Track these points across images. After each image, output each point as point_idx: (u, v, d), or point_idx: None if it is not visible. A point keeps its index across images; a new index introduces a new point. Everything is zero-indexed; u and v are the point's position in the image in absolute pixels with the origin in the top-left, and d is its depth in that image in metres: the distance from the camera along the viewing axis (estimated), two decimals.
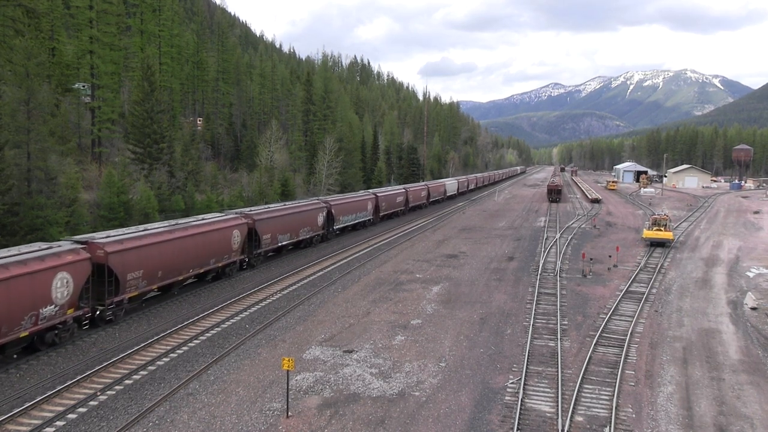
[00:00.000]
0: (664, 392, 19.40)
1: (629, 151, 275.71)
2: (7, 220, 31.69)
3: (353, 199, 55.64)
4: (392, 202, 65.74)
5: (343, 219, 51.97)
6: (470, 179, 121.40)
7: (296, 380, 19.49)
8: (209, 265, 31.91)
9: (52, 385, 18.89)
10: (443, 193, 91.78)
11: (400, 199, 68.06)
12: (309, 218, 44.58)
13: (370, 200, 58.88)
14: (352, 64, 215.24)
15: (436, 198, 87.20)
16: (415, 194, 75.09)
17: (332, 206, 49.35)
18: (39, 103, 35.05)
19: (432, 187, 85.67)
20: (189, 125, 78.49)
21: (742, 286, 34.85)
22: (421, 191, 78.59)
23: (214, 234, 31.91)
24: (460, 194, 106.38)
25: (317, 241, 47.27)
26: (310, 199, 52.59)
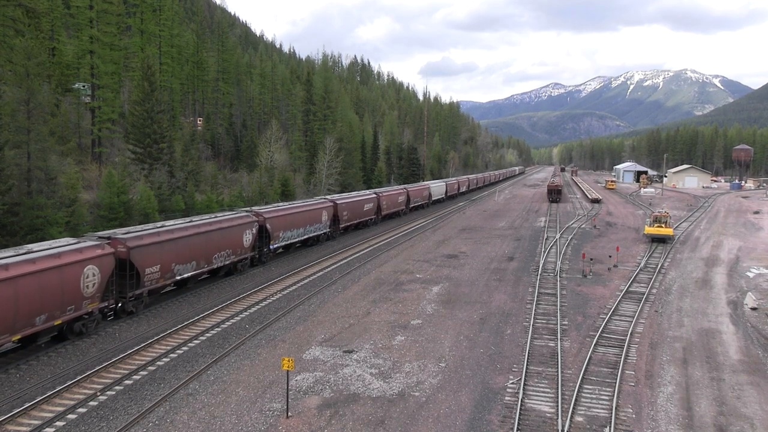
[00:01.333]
0: (664, 392, 19.40)
1: (629, 151, 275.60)
2: (7, 220, 31.70)
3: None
4: (359, 211, 55.57)
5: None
6: (461, 181, 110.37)
7: (296, 380, 19.49)
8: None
9: (52, 385, 18.89)
10: (427, 197, 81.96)
11: (369, 207, 58.47)
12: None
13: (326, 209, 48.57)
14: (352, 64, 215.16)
15: (418, 203, 77.54)
16: (390, 200, 65.31)
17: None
18: (39, 103, 35.04)
19: (413, 191, 76.03)
20: (189, 125, 78.51)
21: (742, 287, 34.85)
22: (398, 196, 69.08)
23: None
24: (449, 198, 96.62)
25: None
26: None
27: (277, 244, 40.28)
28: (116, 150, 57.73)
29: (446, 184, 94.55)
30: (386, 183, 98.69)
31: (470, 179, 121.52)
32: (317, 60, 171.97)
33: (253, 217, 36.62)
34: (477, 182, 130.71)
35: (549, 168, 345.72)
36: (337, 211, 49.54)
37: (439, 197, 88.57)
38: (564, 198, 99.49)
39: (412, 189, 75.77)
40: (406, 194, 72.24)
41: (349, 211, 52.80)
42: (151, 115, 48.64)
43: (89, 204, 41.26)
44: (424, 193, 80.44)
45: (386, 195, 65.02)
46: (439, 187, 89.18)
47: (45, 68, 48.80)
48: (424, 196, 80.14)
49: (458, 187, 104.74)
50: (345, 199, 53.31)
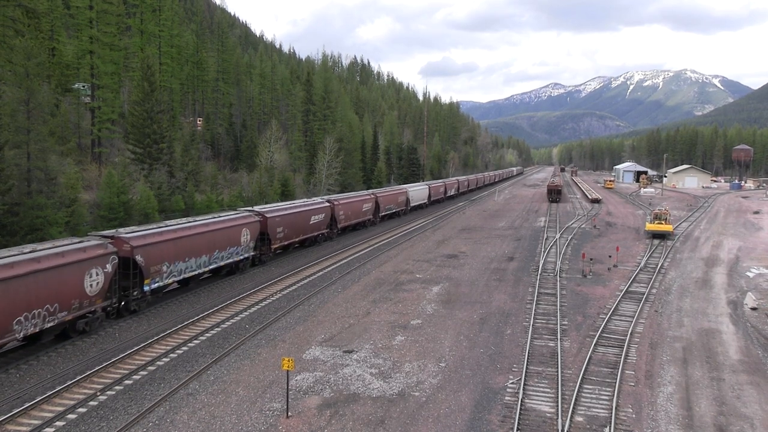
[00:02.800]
0: (664, 392, 19.39)
1: (629, 151, 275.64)
2: (7, 220, 31.71)
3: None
4: (301, 225, 43.24)
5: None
6: (449, 184, 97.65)
7: (296, 380, 19.49)
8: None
9: (52, 385, 18.89)
10: (403, 203, 70.76)
11: (318, 219, 45.76)
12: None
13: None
14: (352, 64, 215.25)
15: (391, 211, 66.14)
16: (350, 210, 53.30)
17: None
18: (39, 103, 35.06)
19: (384, 197, 63.59)
20: (189, 125, 78.51)
21: (742, 286, 34.85)
22: (363, 203, 56.73)
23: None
24: (433, 203, 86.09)
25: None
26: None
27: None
28: (116, 150, 57.74)
29: (429, 187, 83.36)
30: (386, 183, 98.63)
31: (460, 181, 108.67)
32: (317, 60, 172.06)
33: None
34: (468, 184, 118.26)
35: (549, 168, 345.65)
36: (267, 228, 38.07)
37: (420, 203, 78.18)
38: (564, 198, 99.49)
39: (383, 195, 63.66)
40: (374, 201, 59.81)
41: (286, 227, 40.54)
42: (150, 115, 48.65)
43: (89, 204, 41.27)
44: (399, 199, 68.92)
45: (345, 203, 52.36)
46: (419, 191, 78.28)
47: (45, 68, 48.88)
48: (399, 202, 68.82)
49: (445, 191, 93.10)
50: (280, 212, 40.24)
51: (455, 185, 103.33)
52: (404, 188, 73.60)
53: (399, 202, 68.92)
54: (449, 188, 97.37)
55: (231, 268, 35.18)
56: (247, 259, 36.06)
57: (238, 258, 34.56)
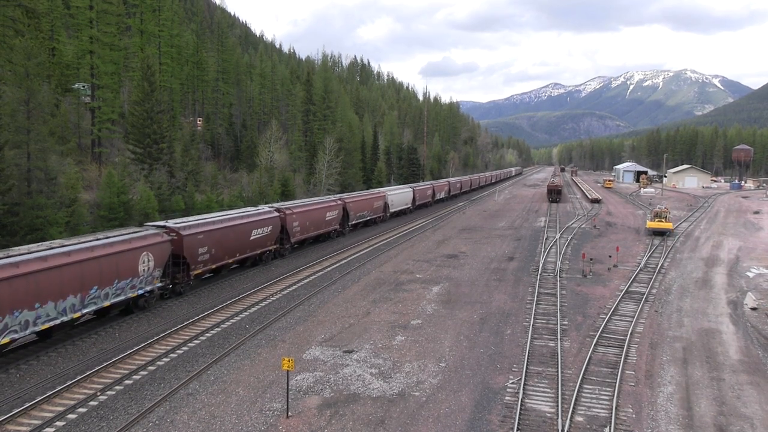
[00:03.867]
0: (664, 392, 19.40)
1: (629, 151, 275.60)
2: (7, 220, 31.70)
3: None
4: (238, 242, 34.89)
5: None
6: (437, 186, 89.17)
7: (296, 380, 19.49)
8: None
9: (52, 385, 18.89)
10: (381, 209, 61.74)
11: (262, 234, 37.05)
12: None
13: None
14: (352, 64, 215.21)
15: (365, 218, 57.42)
16: (309, 220, 43.89)
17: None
18: (39, 103, 35.07)
19: (355, 202, 54.35)
20: (189, 125, 78.51)
21: (742, 287, 34.85)
22: (326, 211, 47.16)
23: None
24: (419, 207, 78.12)
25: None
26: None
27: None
28: (116, 150, 57.73)
29: (413, 190, 74.49)
30: (386, 183, 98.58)
31: (451, 183, 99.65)
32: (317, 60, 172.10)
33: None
34: (461, 186, 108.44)
35: (549, 168, 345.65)
36: (184, 250, 29.53)
37: (402, 208, 69.28)
38: (564, 198, 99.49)
39: (353, 200, 54.35)
40: (341, 209, 50.43)
41: (214, 246, 32.01)
42: (151, 115, 48.64)
43: (89, 204, 41.26)
44: (375, 205, 59.64)
45: (301, 212, 42.54)
46: (400, 195, 68.95)
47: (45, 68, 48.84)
48: (375, 209, 59.77)
49: (432, 194, 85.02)
50: (203, 227, 31.44)
51: (445, 188, 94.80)
52: (382, 192, 64.08)
53: (375, 208, 59.77)
54: (438, 191, 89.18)
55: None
56: (151, 293, 27.72)
57: (133, 294, 26.16)
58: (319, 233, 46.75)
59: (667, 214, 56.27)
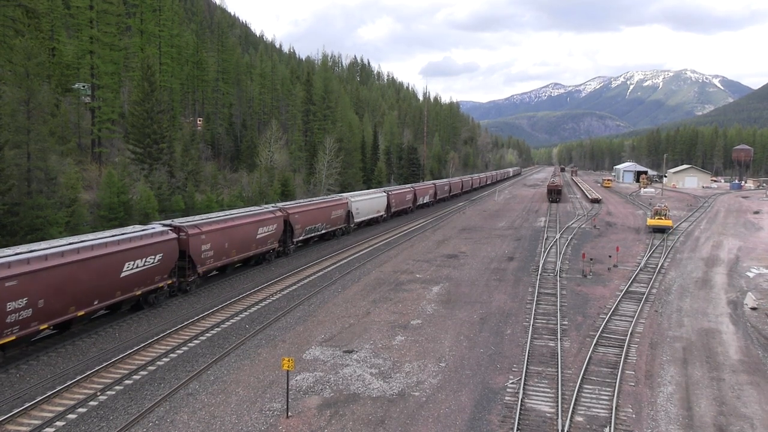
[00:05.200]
0: (664, 392, 19.39)
1: (629, 151, 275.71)
2: (7, 220, 31.70)
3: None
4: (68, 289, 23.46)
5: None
6: (420, 190, 77.46)
7: (296, 380, 19.49)
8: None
9: (52, 385, 18.89)
10: (342, 220, 50.71)
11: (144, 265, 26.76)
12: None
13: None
14: (352, 64, 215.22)
15: (319, 232, 46.11)
16: (236, 238, 33.93)
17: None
18: (39, 103, 35.06)
19: (303, 212, 43.10)
20: (189, 125, 78.51)
21: (742, 286, 34.85)
22: (260, 226, 36.58)
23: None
24: (397, 215, 68.17)
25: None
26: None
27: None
28: (116, 150, 57.73)
29: (388, 195, 63.53)
30: (386, 183, 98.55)
31: (438, 186, 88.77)
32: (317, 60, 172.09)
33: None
34: (450, 189, 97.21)
35: (549, 168, 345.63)
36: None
37: (372, 217, 58.76)
38: (564, 198, 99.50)
39: (300, 210, 42.81)
40: (282, 222, 39.55)
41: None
42: (151, 115, 48.64)
43: (89, 204, 41.27)
44: (332, 215, 48.14)
45: (213, 230, 31.69)
46: (370, 202, 58.11)
47: (45, 68, 48.81)
48: (332, 219, 48.22)
49: (414, 199, 74.47)
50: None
51: (430, 190, 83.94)
52: (343, 198, 52.56)
53: (332, 219, 48.33)
54: (421, 195, 77.99)
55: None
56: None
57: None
58: (249, 255, 35.89)
59: (667, 212, 58.51)
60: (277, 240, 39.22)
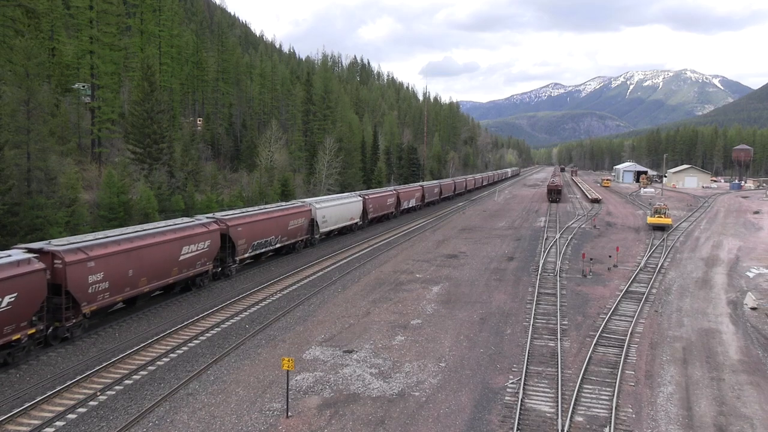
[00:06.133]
0: (664, 392, 19.40)
1: (629, 151, 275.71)
2: (7, 220, 31.68)
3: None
4: None
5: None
6: (404, 193, 69.61)
7: (296, 380, 19.49)
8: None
9: (52, 385, 18.89)
10: (304, 231, 43.08)
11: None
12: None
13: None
14: (352, 64, 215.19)
15: (267, 247, 37.95)
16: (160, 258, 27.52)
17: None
18: (39, 103, 35.07)
19: (246, 224, 35.21)
20: (189, 125, 78.53)
21: (742, 286, 34.85)
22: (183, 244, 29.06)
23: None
24: (377, 221, 61.51)
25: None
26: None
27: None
28: (116, 150, 57.71)
29: (364, 200, 55.62)
30: (386, 183, 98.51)
31: (426, 189, 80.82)
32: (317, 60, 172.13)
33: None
34: (440, 191, 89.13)
35: (549, 168, 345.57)
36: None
37: (345, 224, 51.52)
38: (564, 198, 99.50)
39: (240, 220, 34.83)
40: (219, 237, 32.28)
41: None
42: (151, 115, 48.63)
43: (89, 204, 41.25)
44: (290, 225, 40.41)
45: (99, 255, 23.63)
46: (340, 209, 50.05)
47: (45, 68, 48.87)
48: (290, 231, 40.51)
49: (397, 203, 66.79)
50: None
51: (417, 193, 76.06)
52: (306, 204, 44.57)
53: (291, 229, 40.78)
54: (406, 199, 70.36)
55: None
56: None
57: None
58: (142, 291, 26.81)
59: (666, 210, 60.55)
60: (211, 259, 31.90)
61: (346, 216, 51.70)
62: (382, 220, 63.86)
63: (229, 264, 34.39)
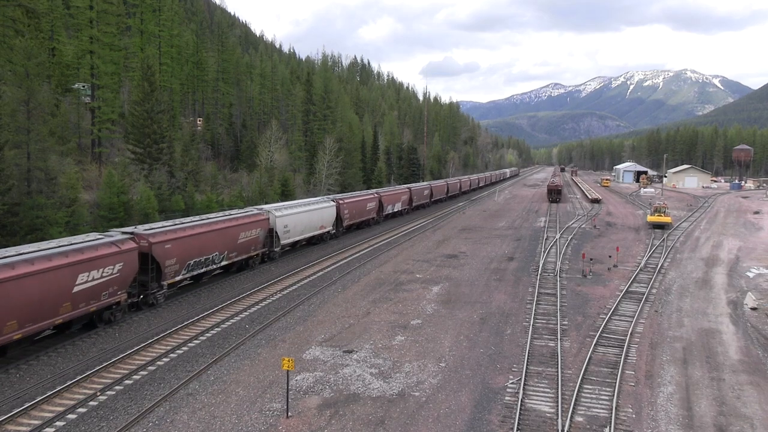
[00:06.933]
0: (664, 392, 19.39)
1: (629, 151, 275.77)
2: (7, 220, 31.68)
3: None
4: None
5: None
6: (386, 197, 62.63)
7: (296, 380, 19.49)
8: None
9: (52, 385, 18.89)
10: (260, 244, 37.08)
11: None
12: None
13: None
14: (352, 64, 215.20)
15: (211, 265, 32.11)
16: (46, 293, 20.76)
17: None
18: (39, 103, 35.07)
19: (175, 239, 28.68)
20: (189, 125, 78.49)
21: (742, 287, 34.85)
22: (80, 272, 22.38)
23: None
24: (354, 228, 55.44)
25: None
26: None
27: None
28: (116, 150, 57.72)
29: (339, 205, 49.97)
30: (386, 183, 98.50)
31: (414, 191, 73.31)
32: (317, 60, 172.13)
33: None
34: (431, 194, 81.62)
35: (549, 168, 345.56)
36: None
37: (315, 234, 45.72)
38: (564, 198, 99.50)
39: (168, 235, 28.59)
40: (136, 257, 26.09)
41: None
42: (151, 115, 48.62)
43: (89, 204, 41.23)
44: (240, 238, 34.55)
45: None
46: (308, 215, 44.17)
47: (45, 68, 48.81)
48: (240, 246, 34.67)
49: (379, 207, 60.07)
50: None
51: (404, 196, 69.05)
52: (263, 212, 38.24)
53: (242, 243, 34.75)
54: (390, 203, 64.06)
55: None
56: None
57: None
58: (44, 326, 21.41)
59: (666, 209, 61.88)
60: (125, 287, 25.50)
61: (315, 224, 45.74)
62: (362, 227, 57.53)
63: (154, 290, 27.71)
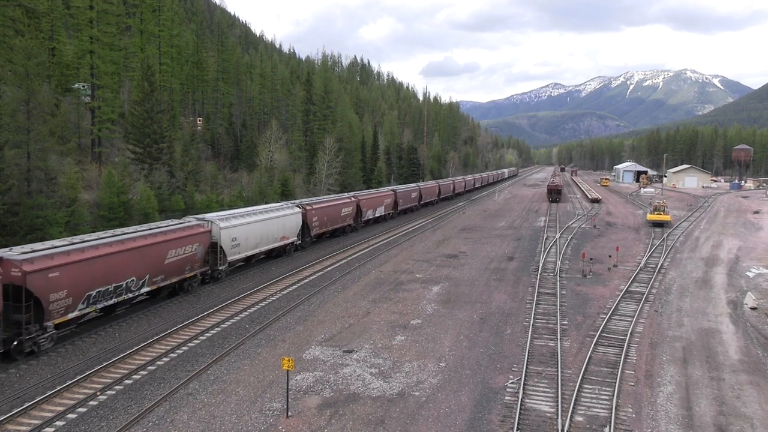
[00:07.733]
0: (664, 392, 19.40)
1: (629, 151, 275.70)
2: (7, 220, 31.68)
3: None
4: None
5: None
6: (365, 201, 56.63)
7: (296, 380, 19.49)
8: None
9: (52, 385, 18.89)
10: (197, 263, 30.45)
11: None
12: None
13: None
14: (352, 64, 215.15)
15: (126, 294, 24.97)
16: None
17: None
18: (39, 103, 35.04)
19: (69, 264, 21.41)
20: (189, 125, 78.48)
21: (742, 286, 34.85)
22: None
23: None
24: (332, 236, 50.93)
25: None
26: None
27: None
28: (116, 150, 57.72)
29: (306, 211, 43.94)
30: (386, 183, 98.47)
31: (399, 193, 66.51)
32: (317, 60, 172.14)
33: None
34: (420, 196, 75.38)
35: (549, 168, 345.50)
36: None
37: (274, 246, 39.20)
38: (564, 198, 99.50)
39: (58, 259, 21.19)
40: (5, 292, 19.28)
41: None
42: (151, 115, 48.62)
43: (89, 204, 41.23)
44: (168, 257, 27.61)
45: None
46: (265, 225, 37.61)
47: (45, 68, 48.82)
48: (168, 267, 27.84)
49: (357, 213, 54.69)
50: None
51: (387, 200, 62.25)
52: (203, 224, 31.73)
53: (170, 264, 28.07)
54: (370, 207, 57.92)
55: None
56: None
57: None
58: None
59: (665, 208, 63.14)
60: None
61: (275, 235, 38.93)
62: (336, 234, 52.03)
63: (32, 334, 20.79)
